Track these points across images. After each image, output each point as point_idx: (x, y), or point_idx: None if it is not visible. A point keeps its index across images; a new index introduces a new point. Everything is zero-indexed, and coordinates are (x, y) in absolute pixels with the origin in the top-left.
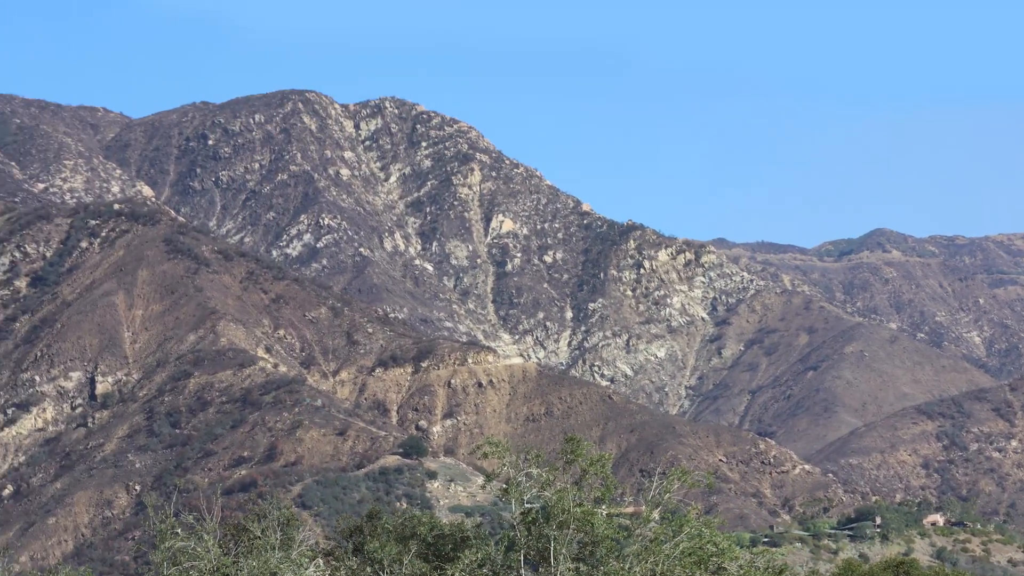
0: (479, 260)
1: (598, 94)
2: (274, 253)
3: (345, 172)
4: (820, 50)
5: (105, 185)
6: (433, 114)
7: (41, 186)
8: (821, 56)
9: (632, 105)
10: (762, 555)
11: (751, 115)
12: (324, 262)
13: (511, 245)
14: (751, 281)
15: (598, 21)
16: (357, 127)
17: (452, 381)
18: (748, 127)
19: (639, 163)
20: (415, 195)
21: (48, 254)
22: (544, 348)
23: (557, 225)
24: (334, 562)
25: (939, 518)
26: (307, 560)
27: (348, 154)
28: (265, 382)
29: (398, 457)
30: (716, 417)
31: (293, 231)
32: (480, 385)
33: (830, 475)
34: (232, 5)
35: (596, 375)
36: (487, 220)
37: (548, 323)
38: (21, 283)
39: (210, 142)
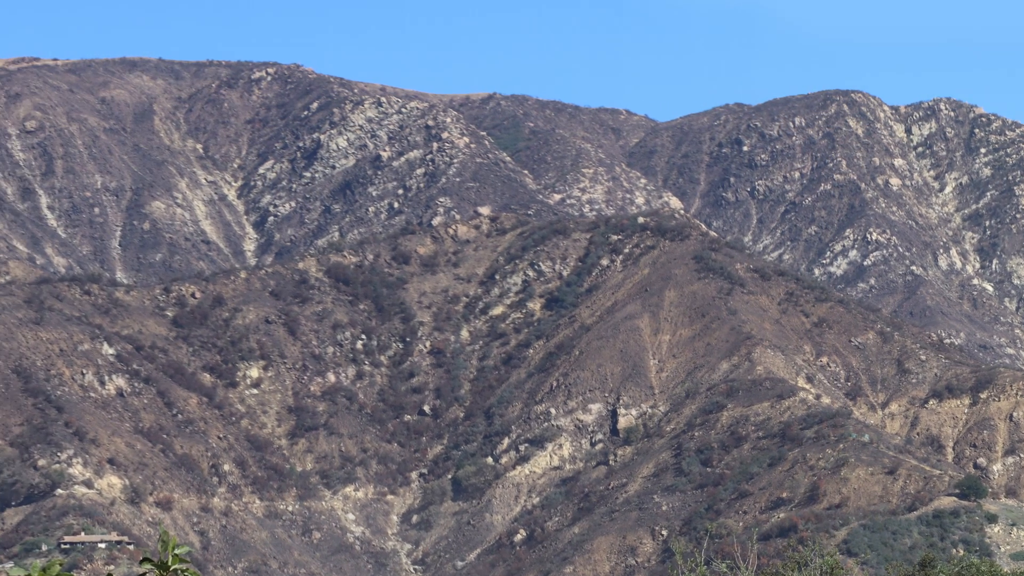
0: None
1: None
2: (816, 272)
3: (895, 181)
4: None
5: (628, 196)
6: (993, 117)
7: (557, 197)
8: None
9: None
10: None
11: None
12: (872, 282)
13: None
14: None
15: None
16: (908, 131)
17: (1014, 414)
18: None
19: None
20: (973, 207)
21: (565, 273)
22: None
23: None
24: None
25: None
26: None
27: (899, 161)
28: (806, 415)
29: (954, 499)
30: None
31: (837, 247)
32: None
33: None
34: None
35: None
36: None
37: None
38: (535, 305)
39: (745, 148)
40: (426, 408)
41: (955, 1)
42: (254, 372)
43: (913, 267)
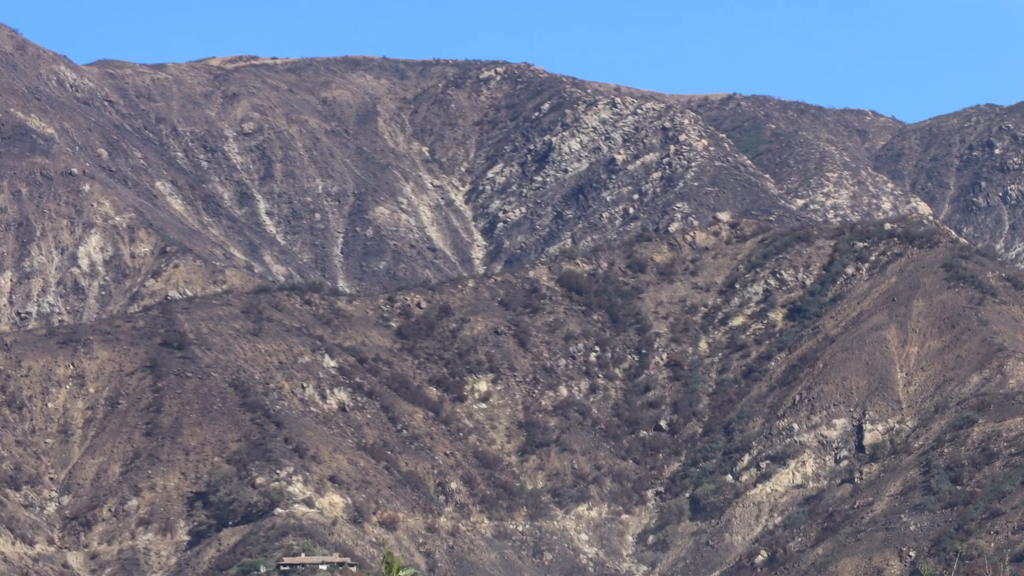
0: None
1: None
2: None
3: None
4: None
5: (874, 201)
6: None
7: (800, 202)
8: None
9: None
10: None
11: None
12: None
13: None
14: None
15: None
16: None
17: None
18: None
19: None
20: None
21: (808, 282)
22: None
23: None
24: None
25: None
26: None
27: None
28: None
29: None
30: None
31: None
32: None
33: None
34: None
35: None
36: None
37: None
38: (777, 315)
39: (997, 151)
40: (663, 423)
41: None
42: (483, 386)
43: None
